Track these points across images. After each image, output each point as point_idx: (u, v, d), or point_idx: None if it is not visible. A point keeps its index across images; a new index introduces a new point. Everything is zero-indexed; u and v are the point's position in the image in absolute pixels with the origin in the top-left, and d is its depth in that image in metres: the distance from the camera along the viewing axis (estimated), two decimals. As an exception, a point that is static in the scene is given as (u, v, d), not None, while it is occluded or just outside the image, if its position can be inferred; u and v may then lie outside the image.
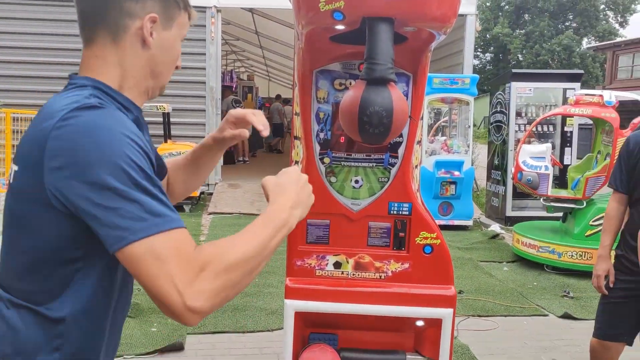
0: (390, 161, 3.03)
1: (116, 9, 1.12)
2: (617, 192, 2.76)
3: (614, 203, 2.77)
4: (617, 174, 2.76)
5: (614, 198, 2.78)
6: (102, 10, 1.13)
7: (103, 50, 1.15)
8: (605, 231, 2.80)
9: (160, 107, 8.49)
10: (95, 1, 1.13)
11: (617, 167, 2.78)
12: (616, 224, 2.76)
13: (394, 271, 3.10)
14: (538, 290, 5.28)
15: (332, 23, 2.32)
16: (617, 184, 2.76)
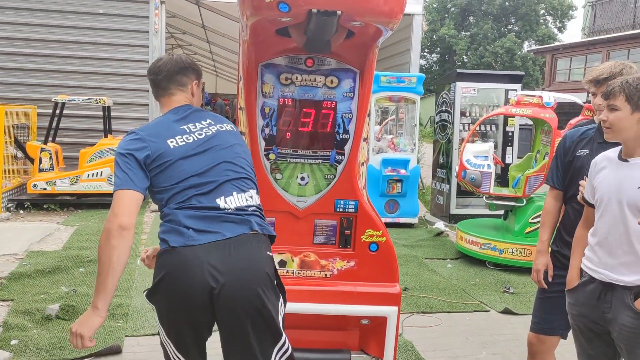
0: (337, 158, 2.98)
1: (179, 81, 2.36)
2: (553, 189, 2.81)
3: (550, 199, 2.82)
4: (554, 170, 2.81)
5: (550, 194, 2.84)
6: (172, 83, 2.34)
7: (181, 95, 2.36)
8: (543, 226, 2.85)
9: (100, 101, 8.17)
10: (168, 79, 2.33)
11: (554, 164, 2.83)
12: (553, 219, 2.82)
13: (339, 269, 3.06)
14: (480, 287, 5.38)
15: (278, 15, 2.25)
16: (553, 181, 2.81)
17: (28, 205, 7.93)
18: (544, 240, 2.82)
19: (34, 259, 5.29)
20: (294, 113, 2.90)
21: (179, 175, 2.12)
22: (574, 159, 2.68)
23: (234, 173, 2.22)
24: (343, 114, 2.93)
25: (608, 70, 2.62)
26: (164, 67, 2.28)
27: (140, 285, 4.86)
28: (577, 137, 2.72)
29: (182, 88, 2.31)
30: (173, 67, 2.29)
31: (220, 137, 2.27)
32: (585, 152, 2.64)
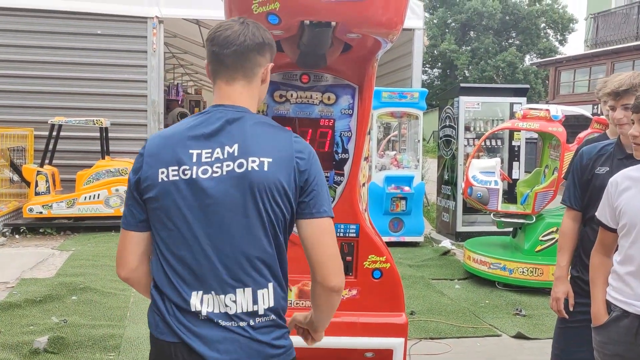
0: (336, 179, 2.80)
1: (252, 61, 1.60)
2: (570, 209, 2.61)
3: (568, 220, 2.62)
4: (571, 190, 2.61)
5: (568, 215, 2.64)
6: (243, 63, 1.59)
7: (242, 87, 1.61)
8: (561, 250, 2.64)
9: (97, 122, 8.04)
10: (238, 56, 1.57)
11: (571, 183, 2.63)
12: (571, 243, 2.61)
13: (341, 298, 2.86)
14: (490, 309, 5.15)
15: (268, 27, 2.07)
16: (570, 201, 2.61)
17: (24, 230, 7.75)
18: (562, 266, 2.60)
19: (25, 287, 5.10)
20: (289, 132, 2.72)
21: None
22: (592, 177, 2.49)
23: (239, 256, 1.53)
24: (342, 132, 2.75)
25: (628, 82, 2.44)
26: (234, 39, 1.55)
27: (135, 314, 4.65)
28: (595, 154, 2.52)
29: (250, 76, 1.59)
30: (250, 40, 1.56)
31: (246, 184, 1.48)
32: (605, 169, 2.45)
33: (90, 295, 4.97)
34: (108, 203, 7.81)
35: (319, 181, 1.59)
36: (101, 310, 4.67)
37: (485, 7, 37.90)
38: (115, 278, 5.59)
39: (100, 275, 5.65)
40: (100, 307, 4.75)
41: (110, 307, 4.75)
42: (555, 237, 5.65)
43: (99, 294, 5.02)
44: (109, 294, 5.05)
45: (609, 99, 2.52)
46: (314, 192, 1.57)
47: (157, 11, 9.08)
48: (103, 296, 4.99)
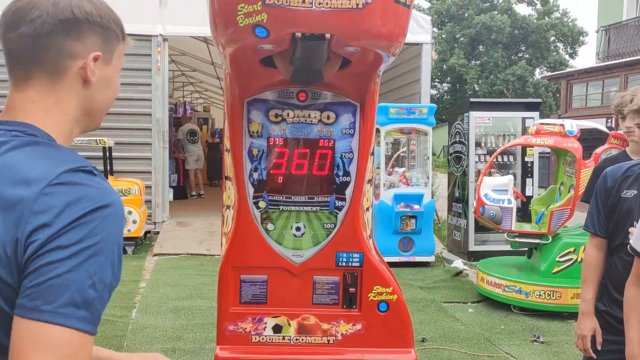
0: (337, 204, 2.59)
1: (54, 48, 1.02)
2: (594, 236, 2.38)
3: (592, 249, 2.39)
4: (594, 215, 2.38)
5: (591, 243, 2.40)
6: (37, 51, 1.02)
7: (40, 93, 1.04)
8: (586, 282, 2.40)
9: (100, 141, 7.91)
10: (27, 40, 1.01)
11: (594, 207, 2.40)
12: (596, 273, 2.37)
13: (344, 334, 2.63)
14: (506, 335, 4.88)
15: (256, 41, 1.88)
16: (594, 227, 2.38)
17: (26, 252, 7.60)
18: (587, 300, 2.36)
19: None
20: (287, 154, 2.53)
21: None
22: (618, 201, 2.26)
23: None
24: (343, 154, 2.55)
25: None
26: (25, 14, 1.00)
27: (133, 344, 4.44)
28: (621, 176, 2.30)
29: (53, 74, 1.04)
30: (49, 16, 1.01)
31: None
32: (633, 192, 2.23)
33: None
34: (111, 224, 7.64)
35: (70, 258, 0.90)
36: (97, 340, 4.40)
37: (494, 21, 37.79)
38: (113, 304, 5.39)
39: (99, 300, 5.45)
40: (96, 336, 4.53)
41: (106, 336, 4.54)
42: (573, 258, 5.39)
43: (95, 322, 4.81)
44: (107, 322, 4.85)
45: (636, 117, 2.30)
46: (43, 274, 0.89)
47: (162, 29, 9.00)
48: (100, 324, 4.77)
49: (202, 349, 4.34)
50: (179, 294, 5.83)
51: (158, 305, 5.43)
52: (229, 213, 2.71)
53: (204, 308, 5.34)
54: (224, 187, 2.83)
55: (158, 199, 9.09)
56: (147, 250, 8.06)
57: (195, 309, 5.30)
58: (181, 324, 4.89)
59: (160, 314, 5.17)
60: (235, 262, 2.58)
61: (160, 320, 4.99)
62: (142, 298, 5.67)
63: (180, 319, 5.04)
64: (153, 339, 4.52)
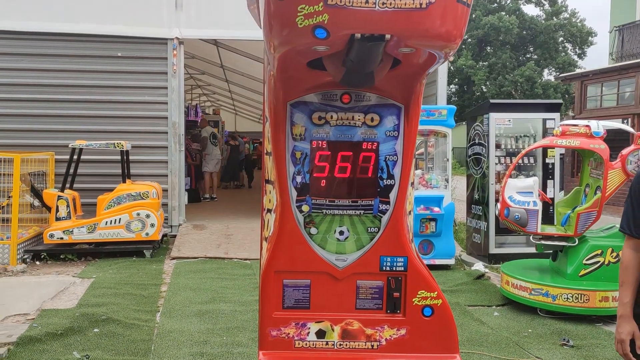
0: (381, 208, 2.56)
1: None
2: (631, 238, 2.34)
3: (629, 250, 2.35)
4: (630, 216, 2.34)
5: (628, 245, 2.36)
6: None
7: None
8: (623, 285, 2.35)
9: (118, 145, 7.91)
10: None
11: (628, 208, 2.36)
12: (634, 275, 2.33)
13: (388, 339, 2.60)
14: (534, 339, 4.83)
15: (313, 43, 1.86)
16: (630, 228, 2.33)
17: (44, 256, 7.60)
18: (626, 302, 2.32)
19: (45, 319, 4.90)
20: (330, 157, 2.50)
21: None
22: None
23: None
24: (387, 156, 2.51)
25: None
26: None
27: (160, 348, 4.42)
28: None
29: None
30: None
31: None
32: None
33: (112, 327, 4.75)
34: (129, 227, 7.64)
35: None
36: (124, 344, 4.44)
37: (502, 22, 37.67)
38: (137, 307, 5.39)
39: (122, 304, 5.44)
40: (123, 340, 4.52)
41: (133, 340, 4.52)
42: (600, 261, 5.33)
43: (121, 326, 4.80)
44: (132, 326, 4.83)
45: None
46: None
47: (178, 32, 9.00)
48: (126, 328, 4.77)
49: (230, 353, 4.30)
50: (201, 297, 5.81)
51: (182, 309, 5.41)
52: (269, 217, 2.68)
53: (228, 312, 5.31)
54: (264, 190, 2.79)
55: (174, 202, 9.09)
56: (164, 253, 8.04)
57: (219, 313, 5.27)
58: (206, 328, 4.86)
59: (184, 317, 5.15)
60: (278, 266, 2.54)
61: (186, 324, 4.96)
62: (165, 302, 5.64)
63: (205, 322, 5.01)
64: (180, 344, 4.49)
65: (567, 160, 12.99)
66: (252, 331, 4.78)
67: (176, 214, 9.14)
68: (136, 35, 8.95)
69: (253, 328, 4.84)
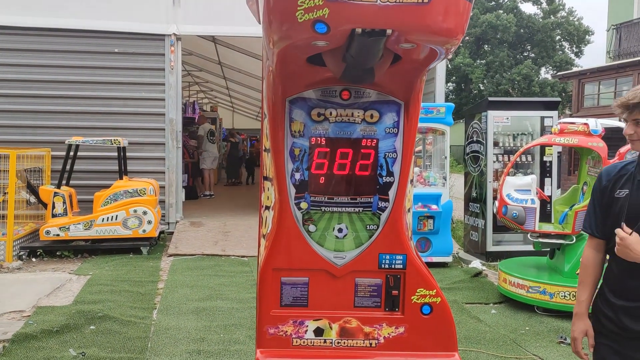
0: (380, 205, 2.54)
1: None
2: (592, 237, 2.33)
3: (590, 250, 2.34)
4: (591, 215, 2.33)
5: (590, 245, 2.35)
6: None
7: None
8: (582, 284, 2.35)
9: (114, 141, 7.88)
10: None
11: (591, 207, 2.34)
12: (593, 276, 2.33)
13: (387, 337, 2.58)
14: (532, 336, 4.82)
15: (313, 37, 1.83)
16: (592, 228, 2.32)
17: (41, 253, 7.57)
18: (582, 301, 2.33)
19: (41, 317, 4.87)
20: (329, 154, 2.48)
21: None
22: (612, 201, 2.21)
23: None
24: (386, 154, 2.50)
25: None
26: None
27: (157, 345, 4.40)
28: (615, 174, 2.24)
29: None
30: None
31: None
32: (625, 192, 2.17)
33: (109, 325, 4.73)
34: (126, 224, 7.61)
35: None
36: (121, 341, 4.42)
37: (499, 20, 37.69)
38: (133, 304, 5.36)
39: (119, 301, 5.42)
40: (119, 337, 4.50)
41: (130, 338, 4.50)
42: (597, 259, 5.32)
43: (118, 323, 4.77)
44: (129, 323, 4.80)
45: (620, 112, 2.23)
46: None
47: (175, 28, 8.96)
48: (122, 325, 4.74)
49: (227, 351, 4.29)
50: (198, 294, 5.79)
51: (178, 306, 5.39)
52: (268, 214, 2.66)
53: (225, 309, 5.29)
54: (262, 187, 2.77)
55: (171, 199, 9.06)
56: (161, 250, 8.02)
57: (216, 310, 5.25)
58: (204, 325, 4.84)
59: (181, 315, 5.13)
60: (276, 264, 2.52)
61: (182, 321, 4.94)
62: (162, 299, 5.62)
63: (202, 320, 4.99)
64: (177, 341, 4.48)
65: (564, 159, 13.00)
66: (249, 328, 4.76)
67: (173, 210, 9.11)
68: (133, 31, 8.90)
69: (250, 325, 4.82)
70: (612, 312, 2.19)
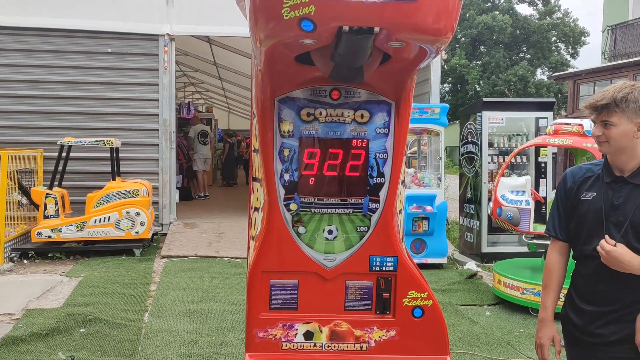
0: (371, 206, 2.50)
1: None
2: (556, 241, 2.28)
3: (554, 253, 2.29)
4: (555, 217, 2.27)
5: (553, 247, 2.30)
6: None
7: None
8: (546, 288, 2.29)
9: (107, 142, 7.82)
10: None
11: (554, 209, 2.29)
12: (558, 279, 2.28)
13: (377, 340, 2.54)
14: (526, 338, 4.79)
15: (300, 35, 1.80)
16: (555, 230, 2.27)
17: (32, 255, 7.50)
18: (547, 307, 2.28)
19: (30, 319, 4.81)
20: (319, 155, 2.44)
21: None
22: (578, 203, 2.16)
23: None
24: (377, 154, 2.46)
25: (610, 95, 2.03)
26: None
27: (147, 349, 4.34)
28: (581, 176, 2.20)
29: None
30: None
31: None
32: (592, 194, 2.13)
33: (99, 327, 4.67)
34: (119, 226, 7.56)
35: None
36: (111, 344, 4.37)
37: (495, 21, 37.74)
38: (124, 307, 5.31)
39: (110, 304, 5.36)
40: (109, 340, 4.45)
41: (120, 341, 4.44)
42: (592, 260, 5.30)
43: (108, 326, 4.72)
44: (119, 326, 4.75)
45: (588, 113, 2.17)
46: None
47: (169, 28, 8.91)
48: (113, 328, 4.69)
49: (219, 354, 4.24)
50: (191, 297, 5.74)
51: (170, 308, 5.33)
52: (257, 215, 2.62)
53: (217, 311, 5.25)
54: (251, 188, 2.73)
55: (165, 200, 9.01)
56: (154, 252, 7.96)
57: (208, 313, 5.21)
58: (195, 328, 4.79)
59: (173, 317, 5.08)
60: (265, 266, 2.48)
61: (174, 324, 4.89)
62: (154, 301, 5.57)
63: (194, 322, 4.94)
64: (168, 344, 4.43)
65: (559, 160, 13.00)
66: (241, 331, 4.71)
67: (167, 212, 9.05)
68: (126, 31, 8.84)
69: (242, 328, 4.77)
70: (579, 318, 2.14)
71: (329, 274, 2.51)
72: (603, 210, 2.06)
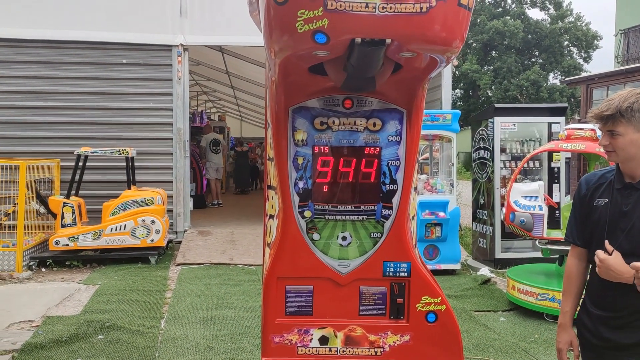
0: (384, 213, 2.55)
1: None
2: (575, 246, 2.31)
3: (573, 259, 2.31)
4: (572, 224, 2.30)
5: (572, 253, 2.32)
6: None
7: None
8: (565, 294, 2.31)
9: (123, 151, 7.93)
10: None
11: (572, 216, 2.32)
12: (577, 285, 2.29)
13: (392, 345, 2.58)
14: (541, 344, 4.78)
15: (313, 47, 1.85)
16: (573, 237, 2.29)
17: (50, 263, 7.62)
18: (566, 312, 2.30)
19: (50, 326, 4.90)
20: (332, 162, 2.49)
21: None
22: (591, 210, 2.18)
23: None
24: (389, 161, 2.50)
25: (615, 105, 2.04)
26: None
27: (164, 355, 4.40)
28: (594, 183, 2.22)
29: None
30: None
31: None
32: (604, 200, 2.14)
33: (117, 334, 4.74)
34: (134, 234, 7.65)
35: None
36: (128, 351, 4.44)
37: (506, 26, 37.64)
38: (141, 314, 5.38)
39: (127, 311, 5.44)
40: (127, 346, 4.52)
41: (137, 347, 4.51)
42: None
43: (126, 332, 4.79)
44: (137, 332, 4.82)
45: (594, 123, 2.19)
46: None
47: (182, 39, 9.04)
48: (130, 335, 4.76)
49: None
50: (206, 304, 5.80)
51: (186, 315, 5.40)
52: (272, 223, 2.67)
53: (232, 318, 5.30)
54: (266, 196, 2.79)
55: (179, 208, 9.10)
56: (169, 260, 8.05)
57: (223, 319, 5.26)
58: (211, 335, 4.85)
59: (189, 324, 5.14)
60: (281, 272, 2.53)
61: (190, 330, 4.95)
62: (170, 308, 5.64)
63: (210, 329, 5.00)
64: (185, 350, 4.48)
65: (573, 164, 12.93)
66: (256, 337, 4.76)
67: (181, 220, 9.14)
68: (141, 42, 8.98)
69: (258, 334, 4.81)
70: (591, 323, 2.17)
71: (344, 280, 2.55)
72: (608, 216, 2.09)
